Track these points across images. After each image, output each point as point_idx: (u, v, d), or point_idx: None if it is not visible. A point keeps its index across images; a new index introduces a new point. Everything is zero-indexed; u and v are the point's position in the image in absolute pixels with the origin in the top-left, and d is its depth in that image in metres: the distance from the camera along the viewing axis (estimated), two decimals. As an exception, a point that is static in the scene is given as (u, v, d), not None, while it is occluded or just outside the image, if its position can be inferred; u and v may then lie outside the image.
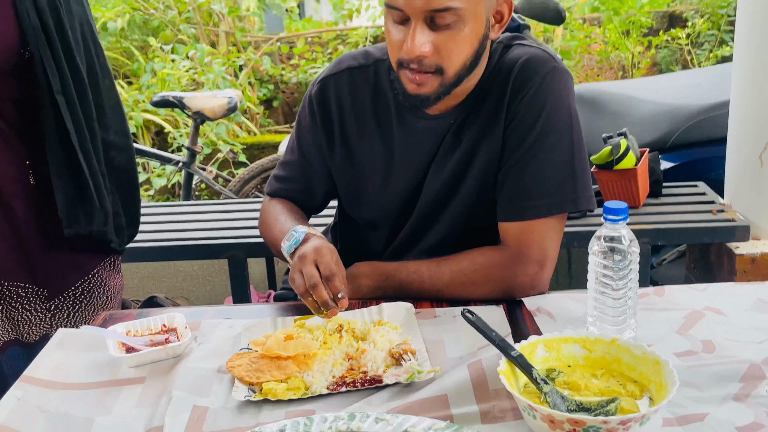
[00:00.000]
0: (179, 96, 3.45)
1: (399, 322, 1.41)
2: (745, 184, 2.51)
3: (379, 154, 1.61)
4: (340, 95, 1.62)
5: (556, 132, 1.48)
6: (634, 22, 6.12)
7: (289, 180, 1.72)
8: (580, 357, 1.18)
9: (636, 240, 1.28)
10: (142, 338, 1.40)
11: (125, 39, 6.23)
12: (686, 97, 3.06)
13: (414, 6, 1.34)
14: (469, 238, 1.58)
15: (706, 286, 1.52)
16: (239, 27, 6.39)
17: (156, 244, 2.50)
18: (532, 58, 1.50)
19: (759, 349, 1.25)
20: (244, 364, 1.26)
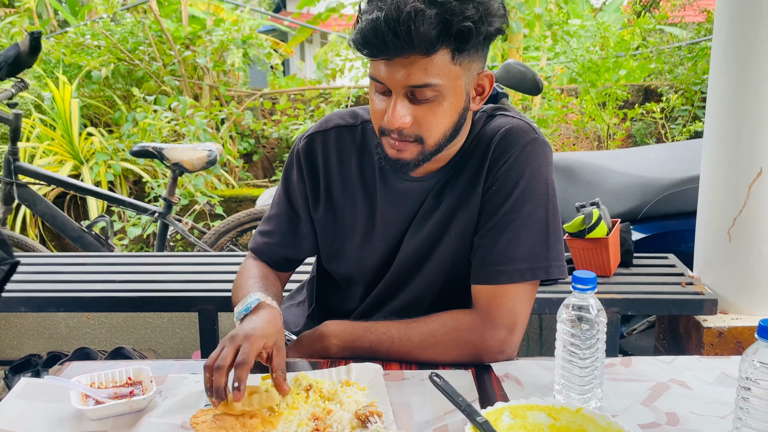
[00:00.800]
0: (159, 147, 3.44)
1: (367, 383, 1.40)
2: (714, 258, 2.54)
3: (362, 212, 1.62)
4: (327, 152, 1.64)
5: (532, 201, 1.50)
6: (610, 95, 6.25)
7: (274, 234, 1.71)
8: (545, 425, 1.18)
9: (604, 310, 1.29)
10: (106, 390, 1.38)
11: (108, 88, 6.26)
12: (659, 170, 3.11)
13: (395, 81, 1.38)
14: (443, 301, 1.58)
15: (673, 358, 1.52)
16: (223, 81, 6.45)
17: (126, 295, 2.47)
18: (513, 128, 1.53)
19: (722, 424, 1.25)
20: (209, 421, 1.24)
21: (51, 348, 3.17)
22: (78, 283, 2.59)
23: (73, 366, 1.52)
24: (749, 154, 2.39)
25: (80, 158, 5.52)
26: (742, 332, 2.40)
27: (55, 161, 5.48)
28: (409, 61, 1.36)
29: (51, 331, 3.26)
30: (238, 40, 6.20)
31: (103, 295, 2.48)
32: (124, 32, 6.40)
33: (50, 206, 3.55)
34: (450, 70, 1.39)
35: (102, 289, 2.52)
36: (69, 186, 3.64)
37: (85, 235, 3.54)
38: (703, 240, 2.60)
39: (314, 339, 1.57)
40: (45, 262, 2.88)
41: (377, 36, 1.33)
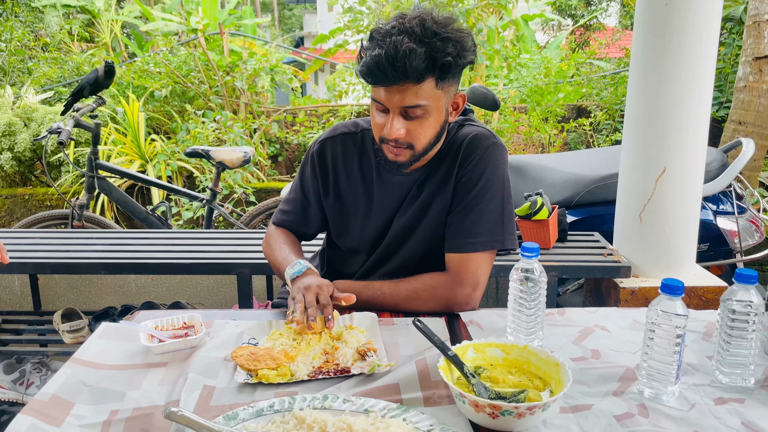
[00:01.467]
0: (207, 149, 3.43)
1: (365, 327, 1.41)
2: (629, 234, 2.54)
3: (362, 199, 1.62)
4: (335, 154, 1.64)
5: (491, 190, 1.51)
6: (551, 112, 6.24)
7: (291, 213, 1.72)
8: (500, 358, 1.18)
9: (545, 272, 1.30)
10: (166, 332, 1.39)
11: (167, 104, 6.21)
12: (588, 169, 3.10)
13: (392, 103, 1.39)
14: (423, 265, 1.59)
15: (596, 309, 1.54)
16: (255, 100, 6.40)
17: (182, 261, 2.47)
18: (478, 135, 1.54)
19: (633, 358, 1.27)
20: (245, 355, 1.25)
21: (124, 302, 3.18)
22: (145, 252, 2.59)
23: (141, 314, 1.52)
24: (656, 156, 2.39)
25: (145, 158, 5.48)
26: (649, 291, 2.42)
27: (126, 161, 5.45)
28: (404, 88, 1.37)
29: (124, 289, 3.26)
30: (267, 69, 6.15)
31: (164, 261, 2.48)
32: (179, 61, 6.33)
33: (123, 194, 3.54)
34: (434, 93, 1.39)
35: (163, 257, 2.51)
36: (137, 179, 3.62)
37: (150, 216, 3.52)
38: (621, 221, 2.60)
39: None
40: (119, 236, 2.87)
41: (379, 69, 1.34)
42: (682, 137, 2.33)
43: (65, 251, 2.60)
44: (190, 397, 1.12)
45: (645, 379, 1.13)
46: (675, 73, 2.28)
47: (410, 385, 1.15)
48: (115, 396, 1.14)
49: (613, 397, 1.12)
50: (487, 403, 0.98)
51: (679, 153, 2.34)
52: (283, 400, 1.08)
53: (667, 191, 2.39)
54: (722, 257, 2.90)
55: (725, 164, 2.96)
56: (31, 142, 5.47)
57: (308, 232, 1.76)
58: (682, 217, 2.41)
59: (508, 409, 0.97)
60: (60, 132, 3.11)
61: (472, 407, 1.00)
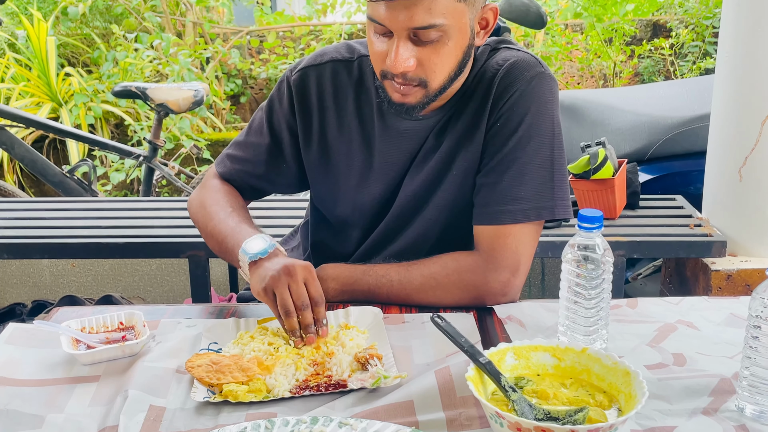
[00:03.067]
0: (142, 87, 3.42)
1: (366, 326, 1.43)
2: (724, 199, 2.56)
3: (358, 152, 1.62)
4: (322, 87, 1.63)
5: (537, 138, 1.51)
6: (617, 30, 6.20)
7: (247, 162, 1.69)
8: (549, 366, 1.20)
9: (610, 249, 1.31)
10: (97, 335, 1.40)
11: (86, 25, 6.18)
12: (667, 108, 3.11)
13: (397, 23, 1.37)
14: (443, 244, 1.60)
15: (680, 299, 1.55)
16: (207, 18, 6.37)
17: (113, 241, 2.49)
18: (518, 62, 1.52)
19: (730, 364, 1.28)
20: (204, 365, 1.26)
21: (35, 297, 3.20)
22: (62, 229, 2.61)
23: (62, 311, 1.54)
24: (762, 91, 2.40)
25: (58, 100, 5.48)
26: (752, 275, 2.43)
27: (32, 103, 5.45)
28: (412, 2, 1.34)
29: (35, 279, 3.28)
30: (223, -27, 6.12)
31: (88, 241, 2.49)
32: (102, -36, 6.30)
33: (30, 150, 3.55)
34: (455, 7, 1.38)
35: (87, 235, 2.53)
36: (49, 128, 3.62)
37: (67, 179, 3.54)
38: (713, 180, 2.62)
39: None
40: (26, 207, 2.89)
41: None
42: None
43: (-47, 228, 2.62)
44: (132, 422, 1.14)
45: (747, 392, 1.15)
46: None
47: (428, 403, 1.16)
48: (31, 421, 1.16)
49: (704, 417, 1.14)
50: (533, 426, 0.99)
51: (794, 86, 2.35)
52: (258, 425, 1.10)
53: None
54: None
55: None
56: None
57: (270, 190, 1.74)
58: (798, 173, 2.42)
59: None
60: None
61: (514, 431, 1.02)
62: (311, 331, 1.34)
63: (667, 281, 2.82)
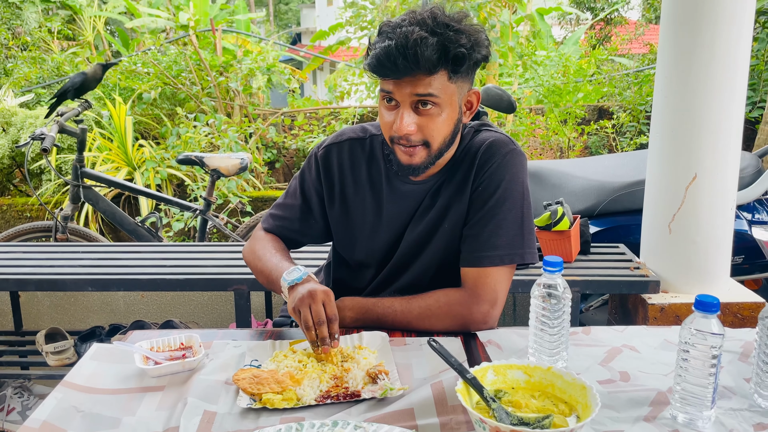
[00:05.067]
0: (200, 156, 3.46)
1: (375, 347, 1.42)
2: (657, 247, 2.55)
3: (371, 209, 1.63)
4: (342, 160, 1.65)
5: (510, 200, 1.52)
6: (570, 113, 6.26)
7: (287, 219, 1.71)
8: (522, 381, 1.19)
9: (569, 288, 1.31)
10: (162, 353, 1.40)
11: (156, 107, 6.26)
12: (611, 175, 3.12)
13: (403, 94, 1.41)
14: (437, 281, 1.60)
15: (624, 328, 1.54)
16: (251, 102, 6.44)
17: (174, 277, 2.49)
18: (496, 141, 1.56)
19: (665, 380, 1.27)
20: (248, 378, 1.26)
21: (112, 321, 3.19)
22: (134, 267, 2.61)
23: (135, 334, 1.54)
24: (686, 161, 2.40)
25: (133, 165, 5.52)
26: (680, 308, 2.42)
27: (112, 168, 5.49)
28: (415, 79, 1.40)
29: (111, 307, 3.27)
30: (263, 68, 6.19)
31: (155, 277, 2.50)
32: (169, 61, 6.40)
33: (110, 204, 3.57)
34: (447, 87, 1.42)
35: (154, 272, 2.53)
36: (125, 188, 3.65)
37: (139, 228, 3.55)
38: (648, 232, 2.61)
39: None
40: (106, 250, 2.89)
41: (390, 59, 1.37)
42: (714, 141, 2.34)
43: (49, 266, 2.62)
44: (190, 423, 1.14)
45: (678, 403, 1.14)
46: (706, 70, 2.30)
47: (426, 410, 1.16)
48: (109, 422, 1.16)
49: (645, 423, 1.13)
50: (509, 430, 0.99)
51: (710, 158, 2.35)
52: (290, 427, 1.09)
53: (699, 199, 2.40)
54: (758, 270, 2.90)
55: (761, 170, 2.97)
56: (11, 148, 5.52)
57: (302, 241, 1.75)
58: (715, 227, 2.42)
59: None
60: (44, 138, 3.14)
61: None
62: (326, 343, 1.35)
63: (614, 312, 2.80)
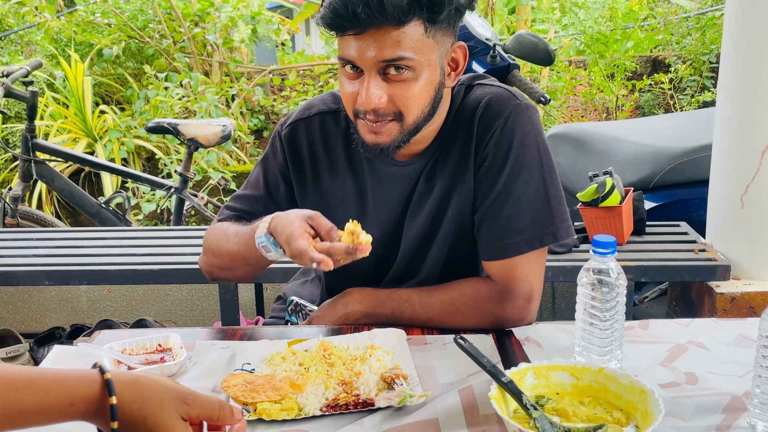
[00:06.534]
0: (174, 122, 3.45)
1: (390, 347, 1.43)
2: (727, 225, 2.56)
3: (352, 197, 1.61)
4: (312, 139, 1.62)
5: (526, 169, 1.48)
6: (618, 66, 6.22)
7: (247, 213, 1.65)
8: (568, 384, 1.20)
9: (623, 273, 1.31)
10: (137, 357, 1.41)
11: (120, 66, 6.27)
12: (670, 139, 3.11)
13: (367, 58, 1.36)
14: (449, 274, 1.58)
15: (690, 321, 1.55)
16: (232, 58, 6.44)
17: (147, 267, 2.52)
18: (494, 98, 1.51)
19: (740, 383, 1.28)
20: (239, 384, 1.27)
21: (73, 321, 3.23)
22: (99, 256, 2.64)
23: (103, 334, 1.55)
24: (762, 121, 2.40)
25: (94, 136, 5.55)
26: (755, 297, 2.42)
27: (69, 139, 5.52)
28: (381, 34, 1.33)
29: (72, 304, 3.31)
30: (246, 17, 6.17)
31: (124, 267, 2.53)
32: (134, 10, 6.39)
33: (68, 182, 3.59)
34: (423, 43, 1.37)
35: (123, 263, 2.57)
36: (86, 162, 3.67)
37: (103, 210, 3.57)
38: (716, 207, 2.62)
39: (337, 306, 1.59)
40: (65, 236, 2.92)
41: (346, 8, 1.31)
42: (797, 96, 2.34)
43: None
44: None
45: (758, 410, 1.14)
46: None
47: (453, 421, 1.17)
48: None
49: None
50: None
51: (792, 116, 2.35)
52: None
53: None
54: None
55: None
56: (-53, 117, 5.54)
57: None
58: (798, 200, 2.42)
59: (583, 449, 0.99)
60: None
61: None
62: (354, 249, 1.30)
63: (674, 304, 2.80)
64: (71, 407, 0.92)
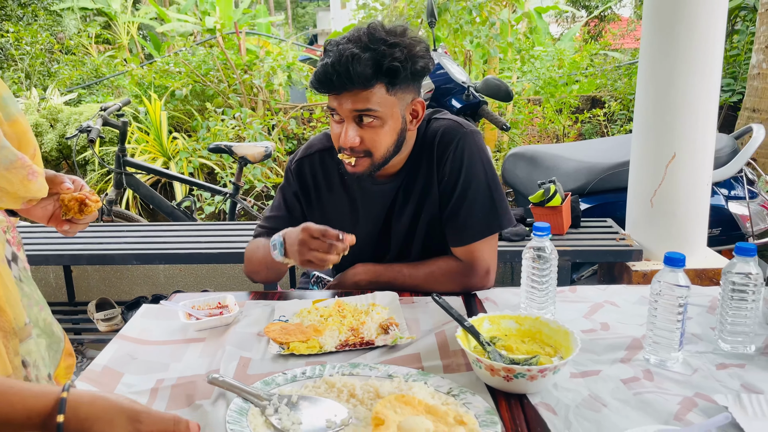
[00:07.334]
0: (229, 144, 3.52)
1: (387, 305, 1.49)
2: (641, 219, 2.59)
3: (346, 209, 1.67)
4: (314, 171, 1.68)
5: (475, 181, 1.55)
6: (565, 103, 6.27)
7: (274, 230, 1.64)
8: (513, 329, 1.26)
9: (556, 250, 1.37)
10: (203, 311, 1.48)
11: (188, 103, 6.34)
12: (600, 157, 3.14)
13: (344, 109, 1.43)
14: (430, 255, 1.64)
15: (607, 287, 1.59)
16: (272, 97, 6.50)
17: (208, 251, 2.57)
18: (447, 128, 1.57)
19: (640, 330, 1.33)
20: (277, 330, 1.34)
21: (154, 292, 3.29)
22: (173, 243, 2.69)
23: (178, 296, 1.62)
24: (666, 141, 2.43)
25: (168, 155, 5.61)
26: (661, 274, 2.46)
27: (149, 158, 5.58)
28: (354, 93, 1.41)
29: (153, 280, 3.37)
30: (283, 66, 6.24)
31: (192, 251, 2.58)
32: (198, 61, 6.46)
33: (150, 189, 3.65)
34: (387, 100, 1.43)
35: (191, 247, 2.62)
36: (163, 174, 3.73)
37: (176, 210, 3.63)
38: (633, 206, 2.65)
39: (348, 276, 1.66)
40: (148, 229, 2.98)
41: (326, 76, 1.39)
42: (692, 123, 2.38)
43: (98, 243, 2.72)
44: (229, 367, 1.21)
45: (650, 347, 1.20)
46: (683, 60, 2.34)
47: (430, 354, 1.23)
48: (159, 367, 1.24)
49: (621, 364, 1.19)
50: (501, 367, 1.06)
51: (688, 138, 2.39)
52: (314, 368, 1.17)
53: (677, 176, 2.44)
54: (734, 241, 2.93)
55: (736, 150, 2.99)
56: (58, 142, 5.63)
57: None
58: (693, 201, 2.46)
59: (521, 371, 1.05)
60: (90, 130, 3.23)
61: (488, 371, 1.08)
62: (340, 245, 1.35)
63: (602, 280, 2.85)
64: (28, 420, 0.80)
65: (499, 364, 1.06)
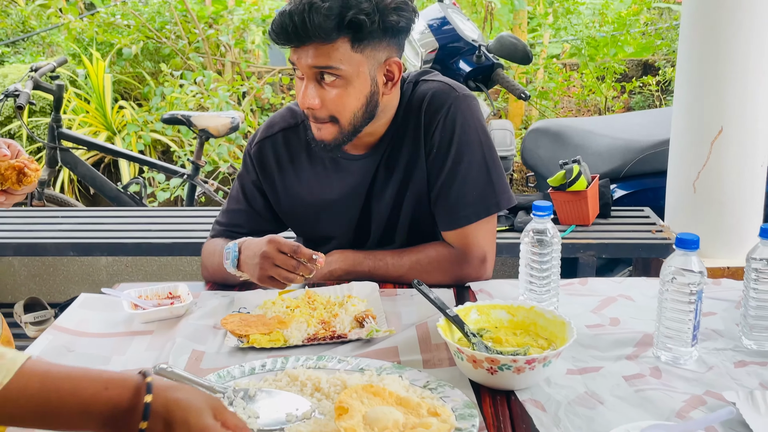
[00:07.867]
0: (187, 114, 3.60)
1: (365, 296, 1.61)
2: (681, 207, 2.70)
3: (316, 189, 1.76)
4: (278, 154, 1.77)
5: (469, 151, 1.65)
6: (608, 69, 6.33)
7: (234, 226, 1.81)
8: (505, 320, 1.38)
9: (558, 234, 1.49)
10: (151, 301, 1.62)
11: (138, 65, 6.43)
12: (640, 133, 3.23)
13: (303, 65, 1.53)
14: (417, 240, 1.76)
15: (623, 279, 1.72)
16: (244, 58, 6.58)
17: (160, 241, 2.69)
18: (437, 92, 1.67)
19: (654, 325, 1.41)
20: (236, 321, 1.47)
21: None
22: (118, 231, 2.81)
23: (123, 285, 1.75)
24: (711, 115, 2.54)
25: (113, 129, 5.72)
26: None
27: (90, 132, 5.67)
28: (313, 47, 1.49)
29: (93, 277, 3.49)
30: (258, 20, 6.30)
31: (140, 241, 2.69)
32: (152, 12, 6.53)
33: (90, 169, 3.75)
34: (351, 57, 1.52)
35: (139, 237, 2.74)
36: (107, 150, 3.84)
37: (121, 194, 3.74)
38: (672, 192, 2.75)
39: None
40: (88, 215, 3.10)
41: (283, 27, 1.49)
42: (741, 91, 2.49)
43: (27, 231, 2.84)
44: (179, 360, 1.35)
45: (660, 342, 1.33)
46: (731, 14, 2.44)
47: (409, 348, 1.35)
48: (100, 360, 1.38)
49: (626, 361, 1.32)
50: (484, 357, 1.18)
51: (738, 110, 2.51)
52: (276, 360, 1.30)
53: (725, 155, 2.55)
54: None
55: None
56: (-23, 109, 5.74)
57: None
58: (744, 185, 2.58)
59: (506, 362, 1.17)
60: (18, 94, 3.34)
61: (470, 363, 1.20)
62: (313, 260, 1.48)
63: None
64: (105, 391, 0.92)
65: (482, 354, 1.19)
